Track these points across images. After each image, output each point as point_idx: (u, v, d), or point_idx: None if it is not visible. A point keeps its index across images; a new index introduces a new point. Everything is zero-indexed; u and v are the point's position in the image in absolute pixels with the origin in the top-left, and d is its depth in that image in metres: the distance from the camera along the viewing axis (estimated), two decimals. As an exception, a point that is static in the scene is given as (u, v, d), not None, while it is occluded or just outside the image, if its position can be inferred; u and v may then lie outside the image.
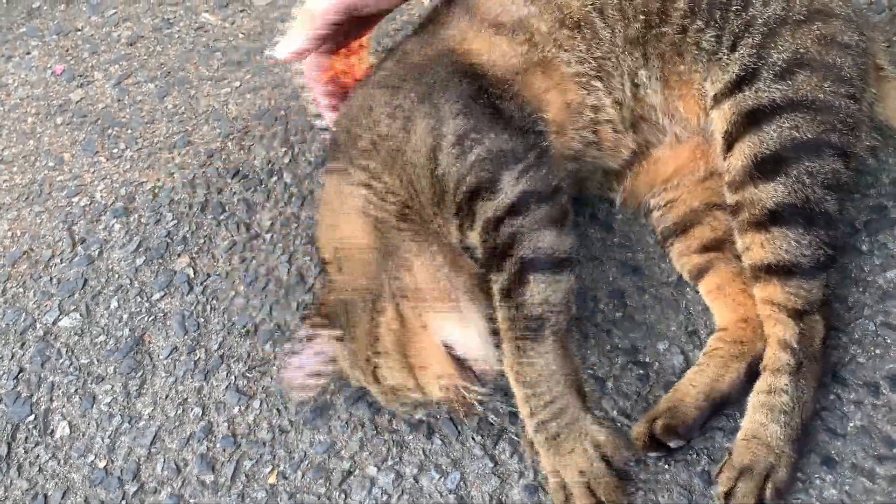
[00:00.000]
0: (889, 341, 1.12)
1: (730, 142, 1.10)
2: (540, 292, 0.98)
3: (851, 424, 1.07)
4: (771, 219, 1.04)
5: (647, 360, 1.17)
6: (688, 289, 1.23)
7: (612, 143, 1.21)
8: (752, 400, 1.04)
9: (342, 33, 1.20)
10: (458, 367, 1.05)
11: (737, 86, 1.10)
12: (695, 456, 1.08)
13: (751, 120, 1.07)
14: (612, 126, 1.19)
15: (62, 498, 1.19)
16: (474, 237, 1.07)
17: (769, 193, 1.04)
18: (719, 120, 1.11)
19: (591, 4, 1.17)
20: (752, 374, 1.08)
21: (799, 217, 1.03)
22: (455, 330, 1.06)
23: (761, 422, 1.02)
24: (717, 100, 1.12)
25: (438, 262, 1.08)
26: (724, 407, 1.09)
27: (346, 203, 1.14)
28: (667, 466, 1.08)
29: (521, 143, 1.07)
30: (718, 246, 1.18)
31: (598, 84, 1.17)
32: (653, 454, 1.07)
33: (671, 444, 1.05)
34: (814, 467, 1.04)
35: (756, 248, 1.06)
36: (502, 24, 1.17)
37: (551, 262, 1.00)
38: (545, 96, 1.15)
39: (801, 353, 1.03)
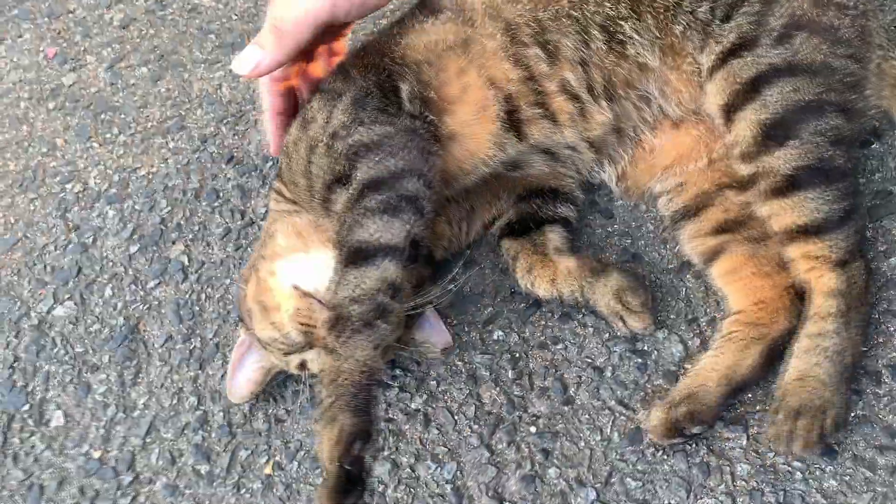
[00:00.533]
0: (892, 329, 1.11)
1: (730, 113, 1.07)
2: (349, 285, 0.98)
3: (852, 414, 1.06)
4: (791, 184, 1.03)
5: (646, 348, 1.16)
6: (688, 276, 1.21)
7: (571, 114, 1.16)
8: (802, 343, 1.04)
9: (312, 43, 1.15)
10: (308, 301, 1.09)
11: (731, 55, 1.07)
12: (693, 447, 1.06)
13: (752, 87, 1.05)
14: (568, 94, 1.15)
15: (57, 488, 1.19)
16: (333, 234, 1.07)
17: (784, 159, 1.03)
18: (716, 93, 1.09)
19: None
20: (771, 357, 1.07)
21: (817, 176, 1.02)
22: (300, 270, 1.11)
23: (814, 362, 1.02)
24: (712, 72, 1.09)
25: (297, 225, 1.17)
26: (745, 391, 1.08)
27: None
28: (665, 457, 1.06)
29: (395, 128, 1.06)
30: (731, 228, 1.16)
31: (538, 51, 1.13)
32: (674, 441, 1.06)
33: (694, 430, 1.04)
34: (813, 458, 1.03)
35: (784, 214, 1.05)
36: (441, 9, 1.16)
37: (367, 252, 0.98)
38: (461, 79, 1.12)
39: (848, 298, 1.04)
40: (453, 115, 1.12)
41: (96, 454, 1.21)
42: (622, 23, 1.12)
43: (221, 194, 1.46)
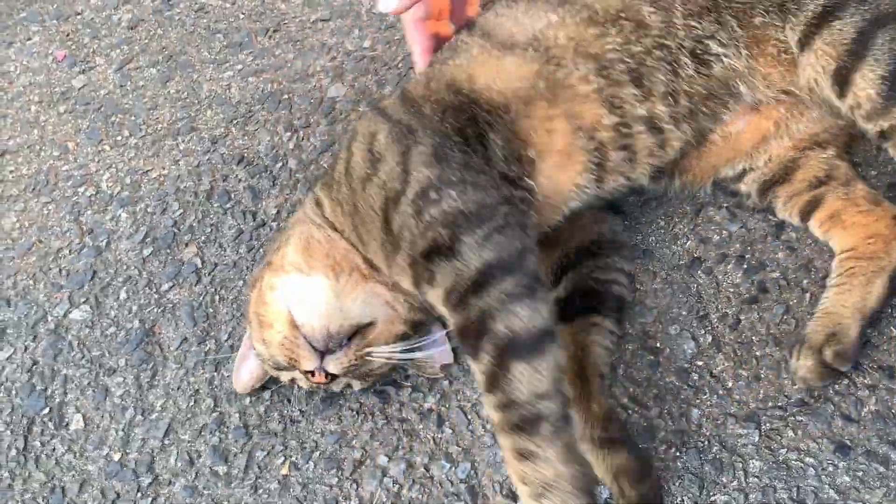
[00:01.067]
0: (905, 324, 1.11)
1: (843, 77, 1.05)
2: (525, 378, 0.90)
3: (866, 409, 1.06)
4: None
5: (658, 345, 1.16)
6: (699, 272, 1.21)
7: (650, 148, 1.13)
8: None
9: None
10: (295, 333, 1.08)
11: (823, 21, 1.07)
12: (706, 443, 1.07)
13: (859, 46, 1.04)
14: (653, 129, 1.12)
15: (79, 490, 1.21)
16: (435, 300, 1.02)
17: None
18: (818, 61, 1.07)
19: None
20: (893, 286, 1.10)
21: None
22: (299, 294, 1.09)
23: None
24: (805, 42, 1.08)
25: (312, 241, 1.13)
26: (875, 322, 1.11)
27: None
28: (678, 454, 1.07)
29: (491, 198, 1.01)
30: (823, 181, 1.17)
31: (633, 90, 1.09)
32: (827, 381, 1.07)
33: (843, 369, 1.06)
34: (826, 454, 1.03)
35: None
36: (516, 44, 1.10)
37: (531, 342, 0.93)
38: (550, 124, 1.08)
39: None
40: (540, 169, 1.08)
41: (116, 456, 1.23)
42: (709, 42, 1.10)
43: (233, 196, 1.46)
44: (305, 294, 1.09)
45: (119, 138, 1.61)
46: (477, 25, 1.18)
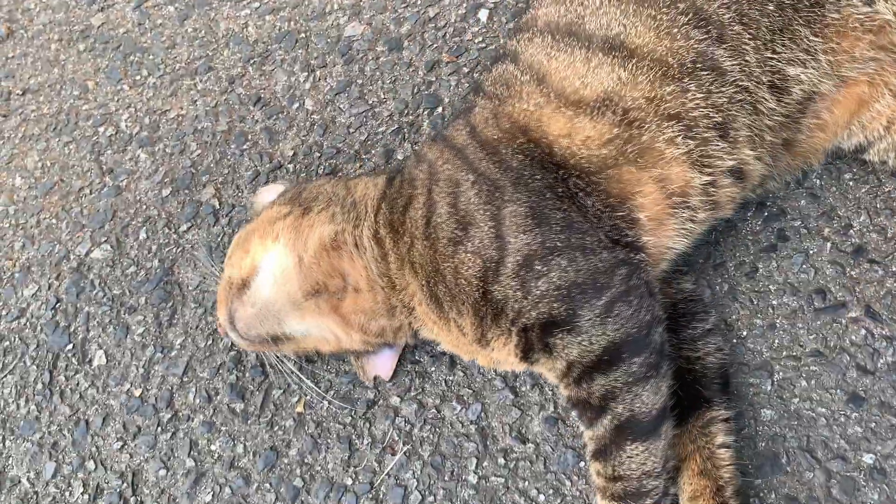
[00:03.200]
0: (928, 274, 1.08)
1: None
2: (638, 457, 0.91)
3: (882, 361, 1.04)
4: None
5: (673, 293, 1.15)
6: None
7: (733, 198, 1.06)
8: None
9: None
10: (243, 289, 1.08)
11: None
12: (717, 391, 1.06)
13: None
14: (738, 176, 1.04)
15: (102, 424, 1.25)
16: (549, 372, 0.99)
17: None
18: None
19: (706, 35, 0.99)
20: None
21: None
22: (274, 279, 1.07)
23: None
24: None
25: (338, 247, 1.08)
26: None
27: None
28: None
29: (604, 262, 0.93)
30: None
31: (720, 143, 1.00)
32: None
33: None
34: (839, 404, 1.02)
35: None
36: (583, 102, 1.00)
37: (649, 424, 0.92)
38: (640, 189, 0.99)
39: None
40: (642, 227, 1.01)
41: (137, 392, 1.27)
42: (785, 68, 1.01)
43: (250, 137, 1.46)
44: (279, 288, 1.06)
45: (138, 78, 1.60)
46: (523, 60, 1.07)
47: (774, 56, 1.00)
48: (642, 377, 0.91)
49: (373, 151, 1.38)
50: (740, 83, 0.99)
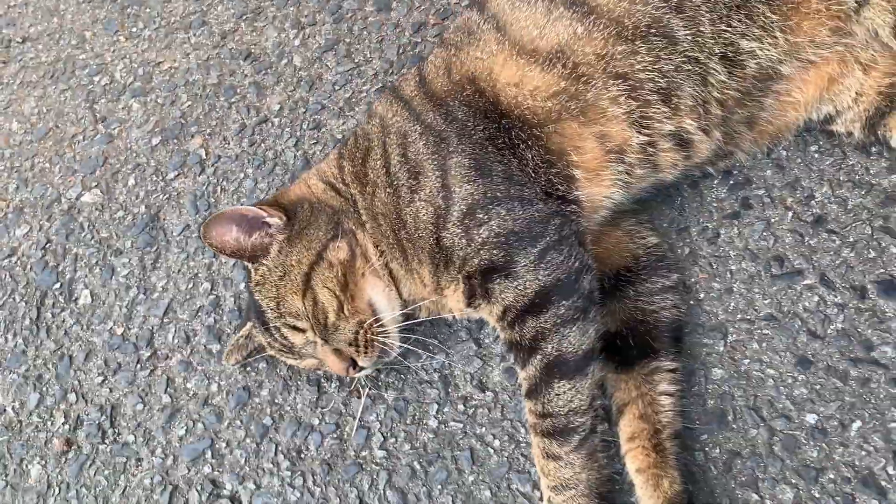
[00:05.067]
0: (884, 245, 1.10)
1: None
2: (565, 395, 0.96)
3: (832, 327, 1.07)
4: None
5: (635, 255, 1.18)
6: (685, 185, 1.21)
7: (675, 160, 1.10)
8: None
9: None
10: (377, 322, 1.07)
11: None
12: (670, 349, 1.10)
13: None
14: (680, 142, 1.08)
15: (85, 359, 1.30)
16: (489, 316, 1.04)
17: None
18: (880, 14, 1.03)
19: (665, 2, 1.02)
20: None
21: None
22: (382, 296, 1.08)
23: None
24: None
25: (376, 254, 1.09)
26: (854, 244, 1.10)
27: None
28: (642, 358, 1.10)
29: (540, 213, 0.99)
30: None
31: (662, 108, 1.04)
32: None
33: None
34: (787, 367, 1.06)
35: None
36: (538, 52, 1.04)
37: (576, 363, 0.96)
38: (580, 144, 1.03)
39: None
40: (577, 182, 1.05)
41: (119, 330, 1.32)
42: (739, 41, 1.04)
43: (238, 90, 1.49)
44: (390, 308, 1.10)
45: (134, 30, 1.64)
46: (489, 10, 1.10)
47: (729, 29, 1.03)
48: (569, 319, 0.96)
49: (356, 109, 1.42)
50: (689, 53, 1.03)
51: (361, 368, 1.08)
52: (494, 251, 0.98)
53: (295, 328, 1.07)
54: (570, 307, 0.96)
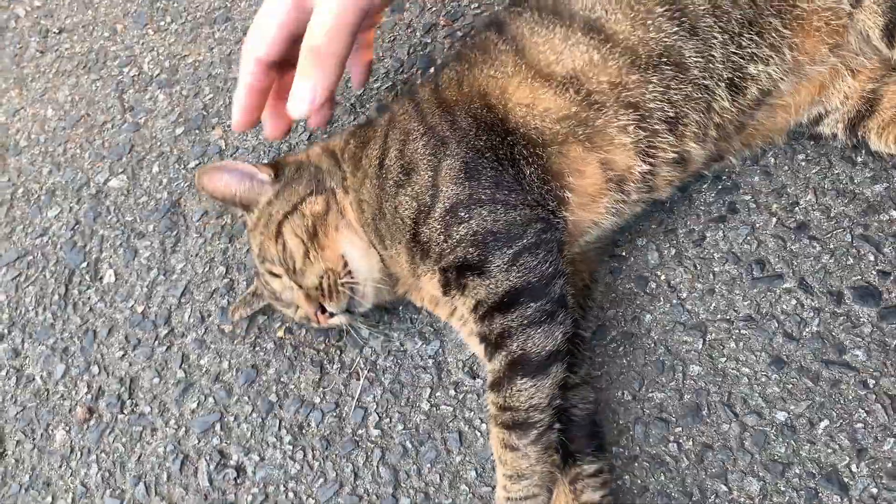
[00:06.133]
0: (863, 253, 1.14)
1: (891, 32, 1.05)
2: (526, 391, 1.00)
3: (807, 330, 1.12)
4: None
5: (623, 254, 1.24)
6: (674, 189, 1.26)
7: (671, 182, 1.15)
8: None
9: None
10: (346, 273, 1.15)
11: None
12: (652, 346, 1.16)
13: None
14: (678, 164, 1.12)
15: (108, 335, 1.40)
16: (461, 306, 1.09)
17: None
18: (871, 17, 1.06)
19: (679, 26, 1.06)
20: None
21: None
22: (357, 254, 1.16)
23: None
24: (858, 1, 1.07)
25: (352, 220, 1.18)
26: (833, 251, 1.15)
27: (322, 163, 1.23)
28: (624, 353, 1.16)
29: (522, 217, 1.03)
30: None
31: (669, 138, 1.08)
32: None
33: None
34: (762, 366, 1.11)
35: None
36: (553, 76, 1.07)
37: (539, 363, 1.01)
38: (583, 169, 1.08)
39: None
40: (567, 205, 1.10)
41: (139, 308, 1.41)
42: (748, 66, 1.08)
43: (258, 85, 1.57)
44: (362, 260, 1.18)
45: (162, 23, 1.72)
46: (509, 33, 1.14)
47: (738, 52, 1.07)
48: (536, 321, 1.01)
49: (367, 105, 1.49)
50: (699, 81, 1.07)
51: (331, 315, 1.17)
52: (470, 249, 1.03)
53: (272, 273, 1.18)
54: (537, 309, 1.01)
